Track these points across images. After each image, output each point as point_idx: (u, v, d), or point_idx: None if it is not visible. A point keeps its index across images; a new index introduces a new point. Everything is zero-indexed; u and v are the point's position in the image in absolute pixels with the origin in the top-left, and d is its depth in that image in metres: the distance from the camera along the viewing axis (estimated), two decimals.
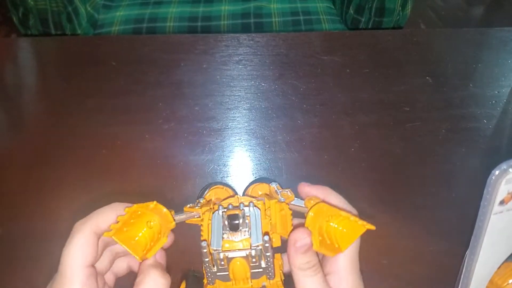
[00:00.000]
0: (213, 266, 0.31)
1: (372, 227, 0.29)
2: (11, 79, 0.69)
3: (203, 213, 0.33)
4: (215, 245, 0.30)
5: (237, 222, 0.30)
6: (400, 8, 0.93)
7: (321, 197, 0.33)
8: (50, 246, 0.40)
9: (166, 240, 0.32)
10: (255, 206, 0.32)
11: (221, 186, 0.38)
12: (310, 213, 0.31)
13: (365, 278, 0.47)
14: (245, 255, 0.30)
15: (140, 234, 0.30)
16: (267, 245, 0.30)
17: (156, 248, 0.31)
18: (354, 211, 0.33)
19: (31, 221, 0.51)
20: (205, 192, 0.38)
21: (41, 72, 0.70)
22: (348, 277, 0.31)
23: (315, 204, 0.32)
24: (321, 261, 0.33)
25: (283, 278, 0.33)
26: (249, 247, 0.30)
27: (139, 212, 0.31)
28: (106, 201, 0.51)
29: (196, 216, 0.34)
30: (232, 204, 0.32)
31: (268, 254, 0.30)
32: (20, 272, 0.46)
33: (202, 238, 0.32)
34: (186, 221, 0.34)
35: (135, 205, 0.31)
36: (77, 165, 0.56)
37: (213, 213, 0.32)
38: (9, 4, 0.87)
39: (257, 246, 0.30)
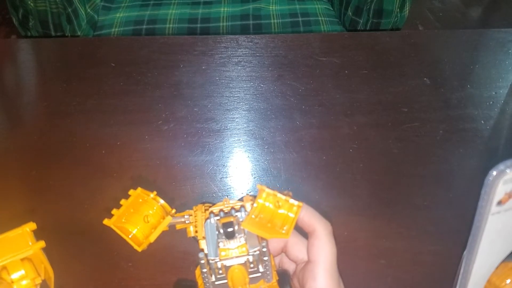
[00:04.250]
0: (211, 275, 0.30)
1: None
2: (11, 80, 0.69)
3: (195, 211, 0.33)
4: (212, 254, 0.30)
5: (232, 229, 0.30)
6: (398, 10, 0.94)
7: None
8: (51, 246, 0.40)
9: (167, 228, 0.33)
10: (246, 210, 0.31)
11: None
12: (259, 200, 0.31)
13: (363, 278, 0.47)
14: (243, 261, 0.30)
15: (135, 231, 0.32)
16: (264, 249, 0.30)
17: (158, 231, 0.32)
18: (329, 226, 0.33)
19: (31, 220, 0.51)
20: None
21: (41, 73, 0.70)
22: None
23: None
24: (301, 278, 0.33)
25: (277, 278, 0.33)
26: (247, 253, 0.30)
27: (140, 200, 0.32)
28: (105, 202, 0.52)
29: (187, 222, 0.33)
30: (223, 211, 0.32)
31: (265, 258, 0.30)
32: None
33: (197, 238, 0.32)
34: (177, 227, 0.33)
35: (139, 189, 0.33)
36: (77, 165, 0.56)
37: (204, 221, 0.31)
38: (9, 5, 0.87)
39: (255, 251, 0.30)
